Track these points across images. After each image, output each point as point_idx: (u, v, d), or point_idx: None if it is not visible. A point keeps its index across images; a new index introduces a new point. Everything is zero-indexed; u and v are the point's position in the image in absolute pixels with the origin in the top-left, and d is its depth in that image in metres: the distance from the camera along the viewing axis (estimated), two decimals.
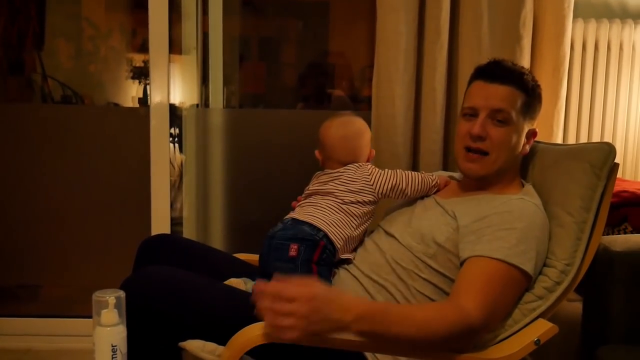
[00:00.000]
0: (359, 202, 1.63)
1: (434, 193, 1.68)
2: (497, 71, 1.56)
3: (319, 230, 1.57)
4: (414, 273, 1.49)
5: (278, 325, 1.14)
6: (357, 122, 1.74)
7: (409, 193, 1.65)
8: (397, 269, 1.51)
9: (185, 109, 2.92)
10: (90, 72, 3.25)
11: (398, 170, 1.66)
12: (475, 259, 1.38)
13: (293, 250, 1.54)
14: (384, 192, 1.64)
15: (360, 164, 1.68)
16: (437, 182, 1.68)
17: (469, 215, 1.47)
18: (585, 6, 2.37)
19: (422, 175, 1.67)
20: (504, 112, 1.51)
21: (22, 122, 2.65)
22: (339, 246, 1.58)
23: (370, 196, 1.64)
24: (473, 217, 1.46)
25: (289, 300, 1.14)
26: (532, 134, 1.59)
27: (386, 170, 1.66)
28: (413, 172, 1.67)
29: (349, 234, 1.61)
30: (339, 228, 1.59)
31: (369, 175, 1.65)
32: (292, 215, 1.65)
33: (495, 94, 1.52)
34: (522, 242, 1.39)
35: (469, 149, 1.55)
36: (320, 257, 1.56)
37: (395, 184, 1.64)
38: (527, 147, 1.59)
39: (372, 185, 1.64)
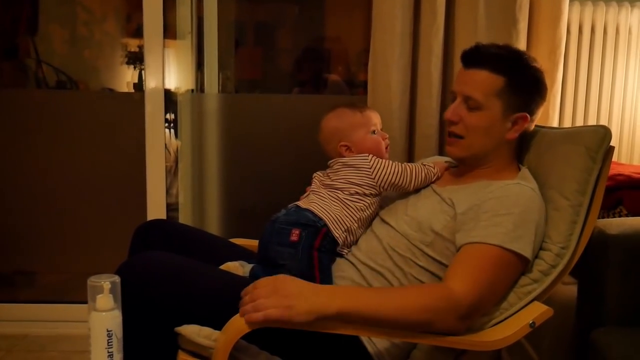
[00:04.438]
0: (358, 193, 1.62)
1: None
2: (474, 56, 1.55)
3: (320, 218, 1.58)
4: (410, 260, 1.49)
5: (245, 310, 1.20)
6: (325, 127, 1.73)
7: (411, 189, 1.65)
8: (394, 255, 1.51)
9: (180, 94, 2.91)
10: (85, 57, 3.24)
11: (400, 165, 1.63)
12: (471, 245, 1.38)
13: (295, 235, 1.54)
14: (385, 186, 1.62)
15: (360, 155, 1.65)
16: (438, 175, 1.66)
17: (466, 202, 1.47)
18: None
19: (425, 170, 1.64)
20: (472, 99, 1.51)
21: (17, 108, 2.64)
22: (338, 237, 1.58)
23: (372, 189, 1.62)
24: (470, 204, 1.45)
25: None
26: (519, 118, 1.53)
27: (389, 163, 1.64)
28: (415, 167, 1.64)
29: (348, 226, 1.60)
30: (338, 221, 1.58)
31: (370, 168, 1.62)
32: (296, 203, 1.65)
33: (469, 80, 1.53)
34: (519, 226, 1.38)
35: (449, 133, 1.58)
36: (322, 244, 1.56)
37: (397, 181, 1.62)
38: (515, 134, 1.55)
39: (374, 178, 1.61)
